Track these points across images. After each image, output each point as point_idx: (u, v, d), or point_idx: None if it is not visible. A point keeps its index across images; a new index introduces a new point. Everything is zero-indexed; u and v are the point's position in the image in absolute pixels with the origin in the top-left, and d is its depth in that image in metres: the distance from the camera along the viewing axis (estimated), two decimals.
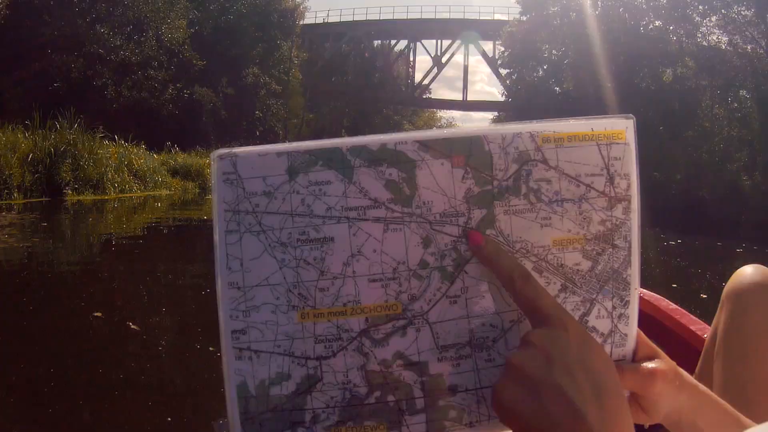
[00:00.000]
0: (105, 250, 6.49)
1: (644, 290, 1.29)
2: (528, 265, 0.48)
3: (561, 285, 0.50)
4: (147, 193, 14.14)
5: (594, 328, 0.51)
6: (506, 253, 0.48)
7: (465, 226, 0.47)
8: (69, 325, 3.48)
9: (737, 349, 0.71)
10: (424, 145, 0.46)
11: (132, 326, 3.36)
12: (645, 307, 1.28)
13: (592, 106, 25.24)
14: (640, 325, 0.51)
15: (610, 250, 0.50)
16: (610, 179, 0.49)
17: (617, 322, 0.51)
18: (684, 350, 1.21)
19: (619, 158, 0.49)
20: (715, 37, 22.43)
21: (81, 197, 11.99)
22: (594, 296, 0.50)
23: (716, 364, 0.74)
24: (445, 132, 0.47)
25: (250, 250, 0.46)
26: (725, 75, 22.18)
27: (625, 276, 0.51)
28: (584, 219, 0.49)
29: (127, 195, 13.29)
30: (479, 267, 0.48)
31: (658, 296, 1.28)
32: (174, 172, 16.34)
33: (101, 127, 14.40)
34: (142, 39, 18.48)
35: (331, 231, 0.46)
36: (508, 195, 0.47)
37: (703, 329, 1.23)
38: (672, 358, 0.53)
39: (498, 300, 0.49)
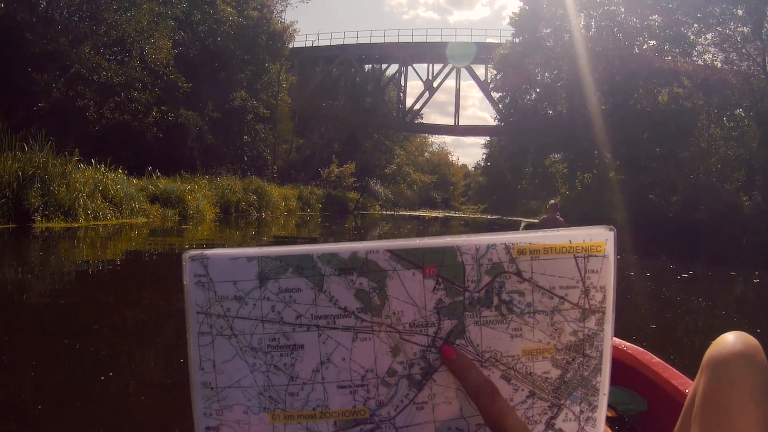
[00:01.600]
0: (43, 289, 5.70)
1: (628, 344, 1.30)
2: (496, 373, 0.49)
3: (529, 392, 0.50)
4: (122, 220, 13.37)
5: (560, 430, 0.51)
6: (476, 368, 0.48)
7: (435, 336, 0.48)
8: None
9: (714, 421, 0.69)
10: (396, 254, 0.46)
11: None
12: (629, 360, 1.28)
13: (586, 130, 24.83)
14: (625, 378, 0.43)
15: (581, 359, 0.51)
16: (585, 292, 0.49)
17: (584, 425, 0.52)
18: (666, 403, 1.23)
19: (597, 271, 0.49)
20: (710, 56, 22.14)
21: (50, 224, 11.28)
22: (562, 402, 0.51)
23: (693, 429, 0.72)
24: (417, 242, 0.47)
25: (222, 353, 0.47)
26: (721, 93, 21.86)
27: (594, 383, 0.51)
28: (556, 330, 0.50)
29: (101, 222, 12.51)
30: (447, 375, 0.49)
31: (643, 350, 1.28)
32: (153, 199, 15.54)
33: (77, 150, 13.89)
34: (125, 59, 17.90)
35: (301, 338, 0.47)
36: (479, 306, 0.48)
37: (684, 383, 1.25)
38: (654, 410, 0.48)
39: (465, 405, 0.50)
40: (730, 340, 0.70)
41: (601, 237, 0.48)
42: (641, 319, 5.18)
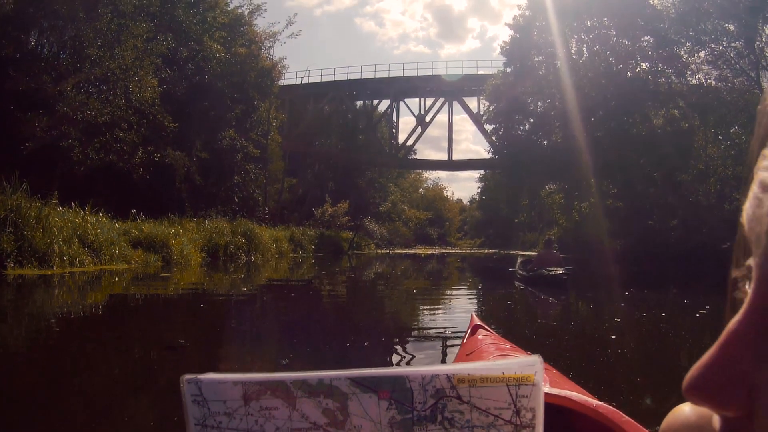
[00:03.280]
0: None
1: (602, 403, 1.29)
2: None
3: None
4: (100, 267, 12.56)
5: None
6: None
7: None
8: None
9: None
10: (355, 381, 0.57)
11: None
12: (600, 418, 1.28)
13: (582, 158, 24.37)
14: None
15: None
16: (517, 412, 0.58)
17: None
18: None
19: (527, 396, 0.58)
20: (704, 74, 21.93)
21: (23, 271, 10.52)
22: None
23: None
24: (373, 371, 0.57)
25: None
26: (717, 111, 21.57)
27: None
28: None
29: (77, 269, 11.71)
30: None
31: (614, 409, 1.25)
32: (136, 243, 14.74)
33: (56, 191, 13.27)
34: (110, 97, 17.42)
35: None
36: (425, 422, 0.57)
37: None
38: None
39: None
40: (685, 411, 0.66)
41: (531, 369, 0.57)
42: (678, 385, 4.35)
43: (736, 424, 0.31)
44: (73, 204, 13.73)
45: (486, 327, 2.24)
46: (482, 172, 60.05)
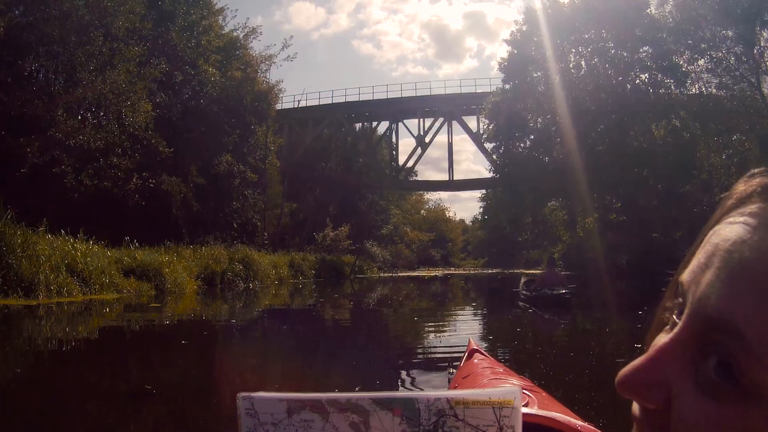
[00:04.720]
0: None
1: (586, 424, 1.35)
2: None
3: None
4: (90, 296, 12.09)
5: None
6: None
7: None
8: None
9: None
10: (375, 401, 0.69)
11: None
12: None
13: (584, 173, 24.00)
14: None
15: None
16: (500, 428, 0.70)
17: None
18: None
19: (508, 416, 0.70)
20: (704, 83, 21.68)
21: (8, 301, 10.13)
22: None
23: None
24: (389, 394, 0.69)
25: None
26: (718, 119, 21.24)
27: None
28: None
29: (65, 299, 11.25)
30: None
31: (597, 430, 1.30)
32: (129, 272, 14.29)
33: (45, 218, 12.93)
34: (103, 122, 17.15)
35: None
36: None
37: None
38: None
39: None
40: None
41: (512, 395, 0.69)
42: None
43: (651, 413, 0.40)
44: (63, 231, 13.37)
45: (482, 351, 2.34)
46: (484, 191, 59.80)
